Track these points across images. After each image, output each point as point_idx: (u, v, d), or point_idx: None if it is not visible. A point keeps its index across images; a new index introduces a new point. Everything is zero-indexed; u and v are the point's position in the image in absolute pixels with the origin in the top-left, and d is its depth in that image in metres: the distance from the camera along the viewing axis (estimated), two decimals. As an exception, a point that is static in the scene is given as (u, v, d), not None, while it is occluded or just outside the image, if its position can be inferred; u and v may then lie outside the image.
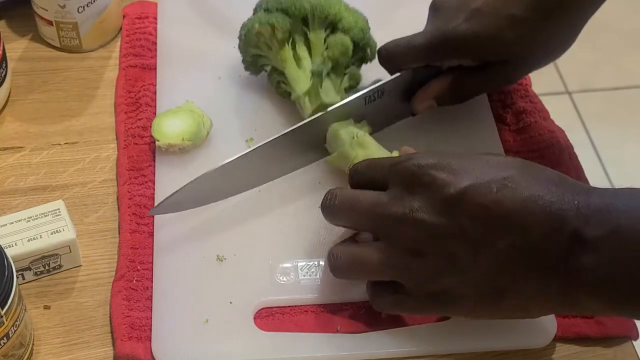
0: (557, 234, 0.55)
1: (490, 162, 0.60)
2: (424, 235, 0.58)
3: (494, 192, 0.57)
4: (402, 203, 0.59)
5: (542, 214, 0.56)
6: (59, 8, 0.80)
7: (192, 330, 0.65)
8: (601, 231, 0.54)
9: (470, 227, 0.57)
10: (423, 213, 0.58)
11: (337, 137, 0.72)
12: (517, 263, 0.57)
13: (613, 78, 1.92)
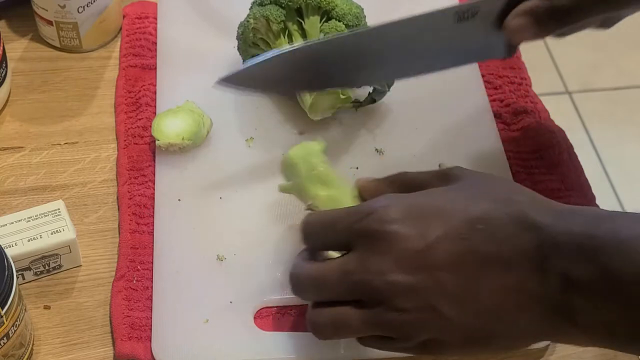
0: (542, 272, 0.52)
1: (457, 199, 0.56)
2: (401, 296, 0.54)
3: (464, 236, 0.54)
4: (368, 267, 0.55)
5: (520, 252, 0.53)
6: (59, 8, 0.80)
7: (192, 330, 0.65)
8: (589, 273, 0.51)
9: (448, 278, 0.54)
10: (395, 274, 0.54)
11: (294, 167, 0.66)
12: (503, 305, 0.54)
13: (613, 78, 1.92)
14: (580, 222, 0.53)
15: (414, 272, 0.54)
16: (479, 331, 0.55)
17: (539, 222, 0.53)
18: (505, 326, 0.55)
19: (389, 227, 0.55)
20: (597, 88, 1.91)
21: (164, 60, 0.83)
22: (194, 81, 0.81)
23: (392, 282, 0.54)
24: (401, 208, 0.56)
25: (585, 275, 0.51)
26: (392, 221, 0.55)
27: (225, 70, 0.81)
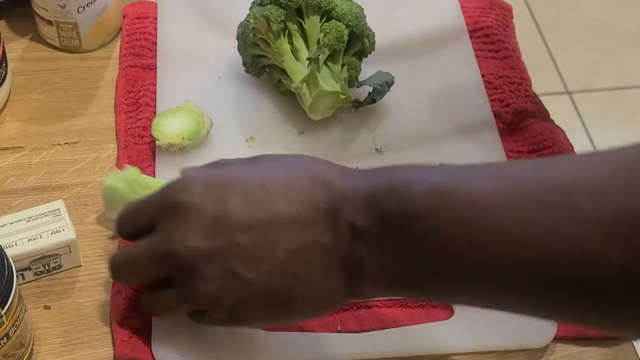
0: (333, 226, 0.54)
1: (255, 169, 0.58)
2: (202, 263, 0.56)
3: (260, 199, 0.55)
4: (169, 237, 0.57)
5: (312, 209, 0.55)
6: (59, 8, 0.80)
7: (192, 331, 0.65)
8: (370, 219, 0.53)
9: (244, 240, 0.55)
10: (194, 240, 0.55)
11: (116, 190, 0.68)
12: (299, 265, 0.55)
13: (613, 78, 1.92)
14: (365, 177, 0.56)
15: (212, 238, 0.55)
16: (280, 294, 0.56)
17: (330, 180, 0.55)
18: (304, 286, 0.55)
19: (187, 197, 0.56)
20: (597, 88, 1.91)
21: (164, 60, 0.83)
22: (194, 81, 0.81)
23: (192, 250, 0.56)
24: (199, 180, 0.58)
25: (367, 222, 0.53)
26: (190, 192, 0.57)
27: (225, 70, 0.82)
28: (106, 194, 0.69)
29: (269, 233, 0.55)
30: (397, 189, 0.53)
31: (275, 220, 0.55)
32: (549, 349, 0.66)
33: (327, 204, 0.54)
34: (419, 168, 0.55)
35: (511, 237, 0.49)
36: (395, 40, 0.85)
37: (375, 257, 0.53)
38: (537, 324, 0.66)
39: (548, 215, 0.48)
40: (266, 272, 0.55)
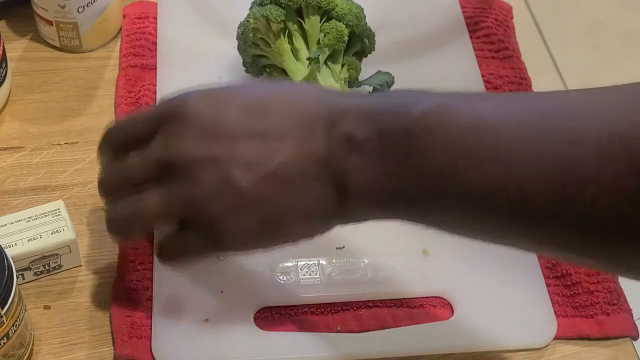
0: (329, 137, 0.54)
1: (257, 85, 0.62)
2: (195, 165, 0.55)
3: (259, 110, 0.56)
4: (166, 144, 0.56)
5: (311, 121, 0.55)
6: (59, 8, 0.80)
7: (192, 330, 0.65)
8: (367, 132, 0.53)
9: (243, 147, 0.55)
10: (189, 145, 0.55)
11: None
12: (290, 177, 0.55)
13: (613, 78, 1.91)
14: (368, 97, 0.58)
15: (209, 142, 0.55)
16: (270, 205, 0.55)
17: (331, 97, 0.56)
18: (294, 197, 0.55)
19: (186, 105, 0.56)
20: (597, 88, 1.91)
21: (164, 60, 0.83)
22: (194, 81, 0.81)
23: (186, 152, 0.55)
24: (200, 93, 0.58)
25: (365, 134, 0.53)
26: (190, 101, 0.57)
27: (225, 70, 0.82)
28: None
29: (265, 143, 0.55)
30: (399, 106, 0.53)
31: (272, 131, 0.55)
32: (549, 349, 0.66)
33: (326, 117, 0.54)
34: (422, 91, 0.55)
35: (505, 155, 0.48)
36: (395, 40, 0.85)
37: (367, 171, 0.53)
38: (537, 324, 0.66)
39: (543, 135, 0.48)
40: (258, 181, 0.54)
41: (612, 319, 0.67)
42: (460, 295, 0.68)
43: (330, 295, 0.68)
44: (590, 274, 0.69)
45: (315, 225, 0.57)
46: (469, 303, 0.67)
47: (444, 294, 0.68)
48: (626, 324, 0.67)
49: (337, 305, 0.67)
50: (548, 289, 0.68)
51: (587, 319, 0.67)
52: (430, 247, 0.70)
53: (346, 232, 0.71)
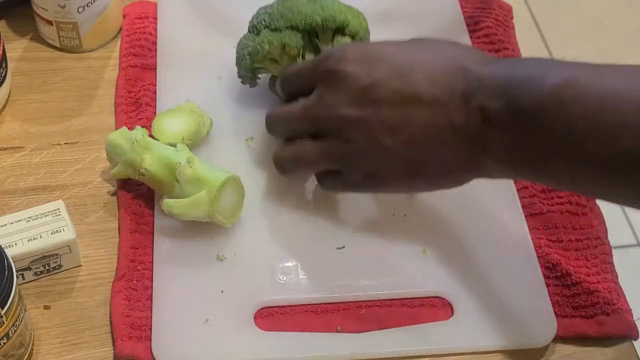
0: (466, 108, 0.60)
1: (405, 47, 0.65)
2: (348, 127, 0.63)
3: (405, 76, 0.62)
4: (324, 102, 0.64)
5: (449, 91, 0.60)
6: (59, 8, 0.80)
7: (192, 330, 0.65)
8: (501, 104, 0.58)
9: (387, 112, 0.62)
10: (344, 107, 0.63)
11: (117, 147, 0.71)
12: (431, 137, 0.61)
13: (613, 78, 1.92)
14: (502, 66, 0.61)
15: (360, 106, 0.63)
16: (411, 161, 0.63)
17: (469, 65, 0.61)
18: (433, 157, 0.62)
19: (342, 66, 0.64)
20: (597, 88, 1.91)
21: (164, 60, 0.83)
22: (194, 81, 0.81)
23: (341, 115, 0.63)
24: (355, 51, 0.65)
25: (498, 106, 0.58)
26: (345, 61, 0.64)
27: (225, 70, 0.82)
28: (108, 149, 0.72)
29: (409, 108, 0.61)
30: (530, 78, 0.58)
31: (415, 97, 0.61)
32: (549, 349, 0.66)
33: (463, 87, 0.60)
34: (551, 62, 0.60)
35: (632, 127, 0.53)
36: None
37: (501, 140, 0.59)
38: (537, 324, 0.66)
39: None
40: (402, 142, 0.62)
41: (612, 319, 0.67)
42: (460, 295, 0.68)
43: (330, 296, 0.68)
44: (590, 274, 0.69)
45: (449, 178, 0.65)
46: (469, 303, 0.67)
47: (444, 294, 0.68)
48: (626, 324, 0.67)
49: (337, 305, 0.67)
50: (548, 289, 0.68)
51: (587, 319, 0.67)
52: (430, 247, 0.70)
53: (346, 232, 0.71)
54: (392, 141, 0.62)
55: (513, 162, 0.60)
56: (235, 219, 0.70)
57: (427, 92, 0.61)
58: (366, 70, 0.63)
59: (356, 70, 0.63)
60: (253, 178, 0.73)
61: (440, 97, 0.61)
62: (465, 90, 0.60)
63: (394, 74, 0.62)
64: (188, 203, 0.67)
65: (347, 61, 0.64)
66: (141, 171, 0.69)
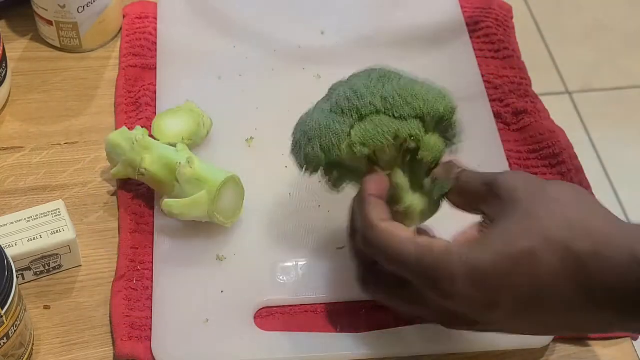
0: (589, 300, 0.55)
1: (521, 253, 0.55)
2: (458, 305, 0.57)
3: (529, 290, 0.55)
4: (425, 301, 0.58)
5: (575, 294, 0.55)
6: (59, 8, 0.80)
7: (192, 330, 0.65)
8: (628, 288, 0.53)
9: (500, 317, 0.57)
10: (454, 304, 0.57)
11: (117, 147, 0.71)
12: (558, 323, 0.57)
13: (613, 78, 1.92)
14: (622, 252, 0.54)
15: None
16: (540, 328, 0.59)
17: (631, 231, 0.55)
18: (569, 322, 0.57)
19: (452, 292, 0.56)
20: (597, 88, 1.91)
21: (164, 60, 0.83)
22: (194, 81, 0.81)
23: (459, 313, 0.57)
24: (465, 272, 0.55)
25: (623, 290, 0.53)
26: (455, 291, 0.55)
27: (225, 70, 0.82)
28: (108, 149, 0.72)
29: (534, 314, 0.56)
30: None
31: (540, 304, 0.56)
32: (549, 349, 0.66)
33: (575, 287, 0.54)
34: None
35: None
36: (396, 41, 0.85)
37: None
38: (537, 324, 0.66)
39: None
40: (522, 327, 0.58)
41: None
42: (460, 295, 0.68)
43: (330, 296, 0.68)
44: (591, 274, 0.69)
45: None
46: (469, 303, 0.67)
47: (444, 294, 0.68)
48: (626, 324, 0.67)
49: (337, 305, 0.67)
50: (548, 289, 0.68)
51: (587, 319, 0.67)
52: (430, 247, 0.70)
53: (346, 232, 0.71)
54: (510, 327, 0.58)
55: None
56: (235, 219, 0.70)
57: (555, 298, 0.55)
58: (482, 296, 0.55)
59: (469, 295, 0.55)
60: (253, 178, 0.73)
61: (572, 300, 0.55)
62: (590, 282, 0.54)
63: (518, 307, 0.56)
64: (188, 203, 0.67)
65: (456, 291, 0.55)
66: (141, 171, 0.69)
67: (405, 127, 0.60)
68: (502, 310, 0.56)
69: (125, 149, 0.70)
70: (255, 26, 0.86)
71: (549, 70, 1.92)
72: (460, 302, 0.56)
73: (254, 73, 0.82)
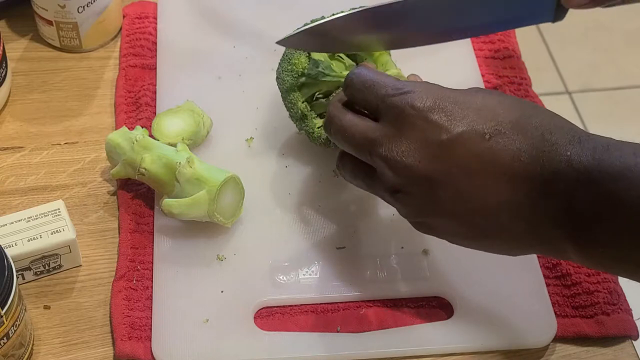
0: (548, 187, 0.54)
1: (486, 104, 0.57)
2: (410, 179, 0.58)
3: (486, 140, 0.56)
4: (391, 144, 0.58)
5: (533, 167, 0.55)
6: (59, 8, 0.80)
7: (192, 330, 0.65)
8: (591, 196, 0.53)
9: (460, 175, 0.56)
10: (411, 158, 0.57)
11: (117, 147, 0.71)
12: (505, 213, 0.56)
13: (613, 78, 1.92)
14: (593, 150, 0.54)
15: (429, 160, 0.57)
16: (476, 230, 0.58)
17: (556, 141, 0.55)
18: (502, 231, 0.57)
19: (418, 113, 0.57)
20: (597, 88, 1.91)
21: (164, 60, 0.83)
22: (194, 81, 0.81)
23: (405, 164, 0.57)
24: (434, 99, 0.57)
25: (588, 198, 0.53)
26: (423, 109, 0.57)
27: (225, 70, 0.82)
28: (108, 149, 0.72)
29: (486, 178, 0.56)
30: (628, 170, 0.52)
31: (494, 167, 0.55)
32: (549, 349, 0.66)
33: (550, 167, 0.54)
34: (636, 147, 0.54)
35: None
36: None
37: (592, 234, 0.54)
38: (537, 324, 0.66)
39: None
40: (470, 210, 0.57)
41: (612, 319, 0.67)
42: (460, 295, 0.68)
43: (330, 296, 0.68)
44: (590, 273, 0.69)
45: (520, 249, 0.59)
46: (469, 303, 0.67)
47: (444, 293, 0.68)
48: (626, 324, 0.67)
49: (337, 305, 0.67)
50: (548, 289, 0.68)
51: (587, 319, 0.67)
52: (430, 247, 0.70)
53: (346, 232, 0.71)
54: (459, 207, 0.57)
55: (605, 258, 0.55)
56: (235, 219, 0.70)
57: (508, 166, 0.55)
58: (445, 123, 0.56)
59: (435, 121, 0.56)
60: (253, 178, 0.73)
61: (524, 174, 0.55)
62: (551, 171, 0.54)
63: (475, 134, 0.56)
64: (188, 203, 0.67)
65: (425, 109, 0.57)
66: (141, 171, 0.69)
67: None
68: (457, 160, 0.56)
69: (125, 149, 0.70)
70: (255, 26, 0.86)
71: (549, 70, 1.92)
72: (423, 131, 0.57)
73: (254, 73, 0.82)
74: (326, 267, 0.69)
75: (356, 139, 0.60)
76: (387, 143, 0.58)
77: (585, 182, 0.53)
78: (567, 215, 0.54)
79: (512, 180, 0.55)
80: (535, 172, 0.55)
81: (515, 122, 0.56)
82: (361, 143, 0.60)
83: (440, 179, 0.57)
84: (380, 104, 0.59)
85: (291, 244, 0.70)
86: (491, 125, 0.56)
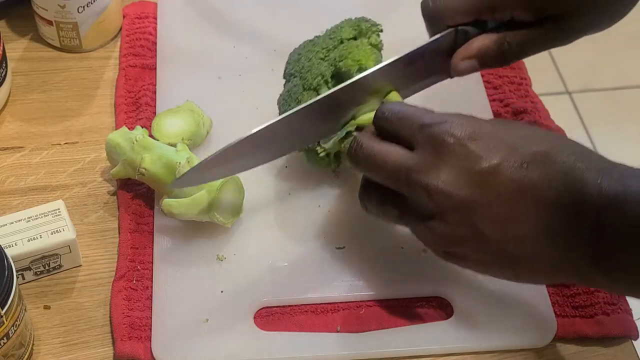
0: (580, 213, 0.55)
1: (521, 135, 0.59)
2: (449, 207, 0.58)
3: (524, 168, 0.57)
4: (429, 172, 0.58)
5: (566, 194, 0.56)
6: (59, 8, 0.80)
7: (192, 330, 0.65)
8: (619, 221, 0.54)
9: (499, 202, 0.57)
10: (451, 185, 0.57)
11: (117, 147, 0.71)
12: (539, 240, 0.57)
13: (613, 78, 1.92)
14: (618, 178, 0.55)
15: (468, 188, 0.57)
16: (508, 256, 0.58)
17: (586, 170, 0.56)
18: (537, 257, 0.57)
19: (457, 141, 0.58)
20: (597, 88, 1.91)
21: (164, 60, 0.83)
22: (194, 81, 0.81)
23: (444, 191, 0.57)
24: (472, 128, 0.58)
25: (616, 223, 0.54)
26: (462, 137, 0.58)
27: (225, 70, 0.82)
28: (108, 149, 0.72)
29: (524, 204, 0.56)
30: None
31: (532, 191, 0.56)
32: (549, 349, 0.66)
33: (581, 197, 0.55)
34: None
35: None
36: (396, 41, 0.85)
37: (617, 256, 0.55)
38: (537, 324, 0.66)
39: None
40: (507, 237, 0.57)
41: (612, 319, 0.67)
42: (460, 295, 0.68)
43: (330, 296, 0.68)
44: (590, 274, 0.69)
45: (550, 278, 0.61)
46: (469, 303, 0.67)
47: (444, 294, 0.68)
48: (626, 324, 0.67)
49: (337, 305, 0.67)
50: (548, 288, 0.68)
51: (587, 319, 0.67)
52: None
53: (346, 232, 0.71)
54: (495, 234, 0.57)
55: (633, 284, 0.56)
56: (235, 219, 0.70)
57: (544, 191, 0.56)
58: (484, 152, 0.57)
59: (474, 150, 0.57)
60: (253, 178, 0.73)
61: (558, 200, 0.56)
62: (583, 197, 0.55)
63: (513, 163, 0.57)
64: (188, 203, 0.67)
65: (464, 137, 0.58)
66: (141, 171, 0.69)
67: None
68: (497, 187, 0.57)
69: (125, 149, 0.70)
70: (255, 26, 0.86)
71: (549, 70, 1.92)
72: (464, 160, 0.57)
73: (254, 73, 0.82)
74: (326, 267, 0.69)
75: (389, 166, 0.60)
76: (427, 170, 0.58)
77: (613, 208, 0.54)
78: (596, 240, 0.55)
79: (547, 207, 0.56)
80: (568, 199, 0.55)
81: (549, 151, 0.57)
82: (397, 169, 0.60)
83: (478, 206, 0.57)
84: (418, 133, 0.60)
85: (291, 244, 0.70)
86: (528, 154, 0.57)
